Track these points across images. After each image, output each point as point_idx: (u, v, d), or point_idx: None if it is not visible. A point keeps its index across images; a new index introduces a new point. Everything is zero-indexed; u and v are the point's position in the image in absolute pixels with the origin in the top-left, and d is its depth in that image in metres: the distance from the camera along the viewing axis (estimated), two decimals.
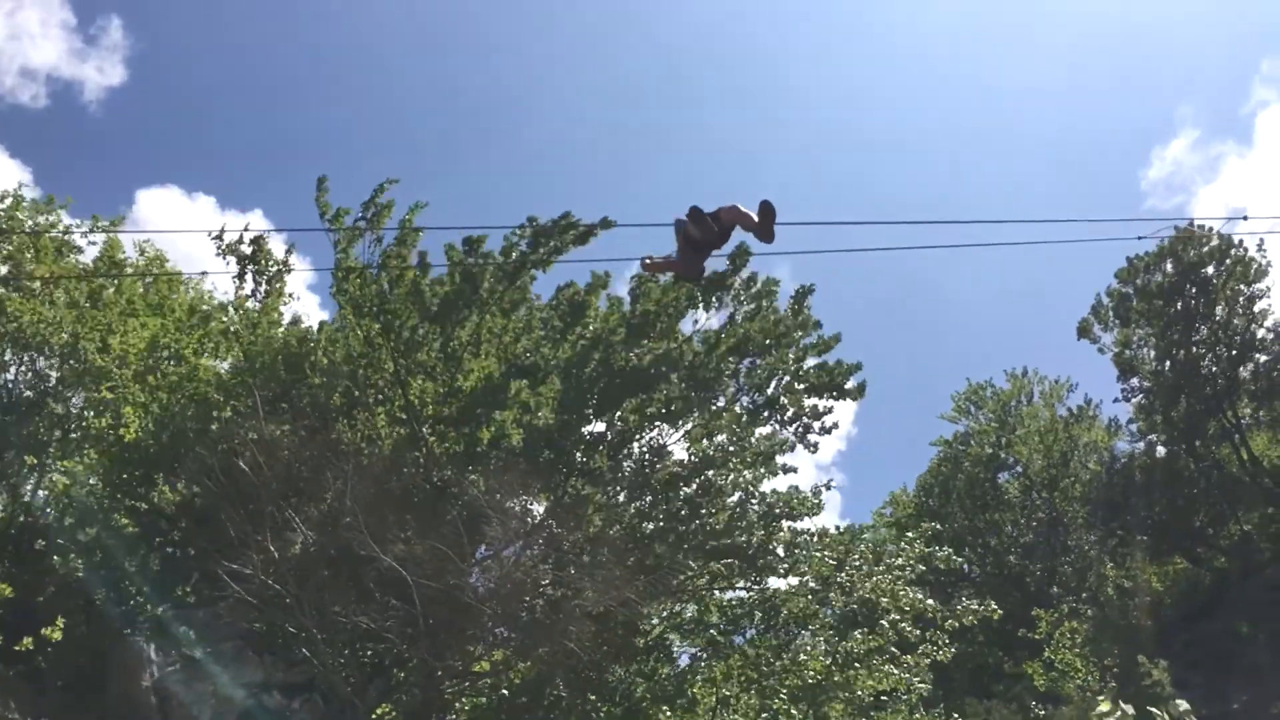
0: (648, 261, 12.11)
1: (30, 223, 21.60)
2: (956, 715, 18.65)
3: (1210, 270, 39.36)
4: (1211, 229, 38.41)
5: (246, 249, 20.03)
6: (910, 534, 20.83)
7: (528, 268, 19.44)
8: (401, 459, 18.52)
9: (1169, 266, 39.58)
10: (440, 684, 17.86)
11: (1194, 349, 38.68)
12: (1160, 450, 39.78)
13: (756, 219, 9.90)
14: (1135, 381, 40.69)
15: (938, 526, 22.02)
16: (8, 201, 20.99)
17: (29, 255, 20.60)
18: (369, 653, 18.62)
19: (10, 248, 20.74)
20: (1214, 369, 38.74)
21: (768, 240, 10.09)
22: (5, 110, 75.02)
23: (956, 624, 19.58)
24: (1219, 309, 38.72)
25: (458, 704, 19.28)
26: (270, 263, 20.05)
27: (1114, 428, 44.15)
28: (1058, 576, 41.92)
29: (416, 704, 17.79)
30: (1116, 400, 42.94)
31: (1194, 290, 38.89)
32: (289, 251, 20.18)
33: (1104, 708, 6.68)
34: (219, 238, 19.71)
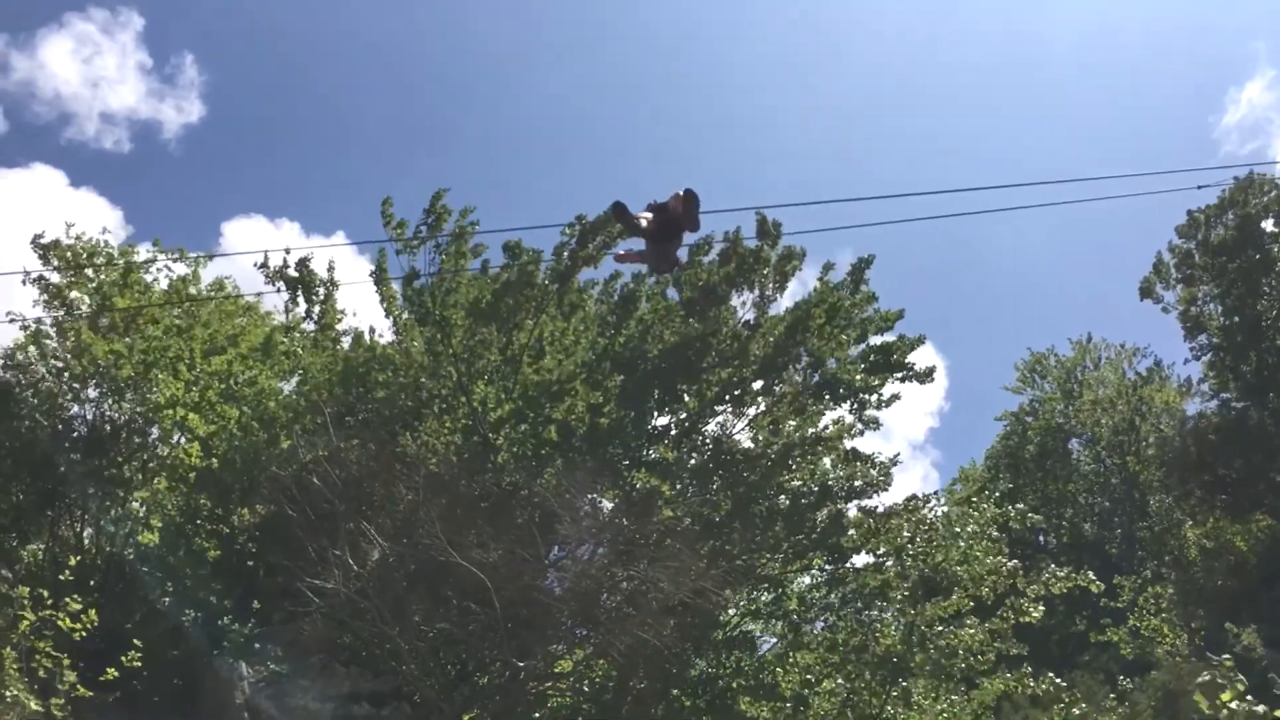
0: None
1: (114, 261, 22.10)
2: (1048, 677, 18.27)
3: (1270, 223, 38.53)
4: (1272, 177, 37.59)
5: (294, 272, 20.33)
6: (976, 499, 20.41)
7: (579, 265, 19.53)
8: (470, 465, 18.69)
9: (1230, 218, 38.77)
10: (524, 685, 17.98)
11: (1261, 302, 37.87)
12: (1235, 407, 38.97)
13: (681, 207, 9.93)
14: (1203, 339, 39.92)
15: (1009, 486, 21.63)
16: (91, 243, 21.62)
17: (115, 291, 21.18)
18: (452, 658, 18.80)
19: (93, 287, 21.30)
20: None
21: (692, 228, 10.14)
22: (90, 156, 77.11)
23: (1043, 590, 19.28)
24: None
25: (542, 704, 19.40)
26: (319, 283, 20.34)
27: (1185, 388, 43.38)
28: (1137, 542, 41.27)
29: (502, 706, 17.92)
30: (1187, 360, 42.13)
31: (1255, 243, 38.07)
32: (331, 269, 20.43)
33: (1226, 695, 6.55)
34: (264, 266, 20.08)
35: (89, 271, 21.11)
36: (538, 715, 18.97)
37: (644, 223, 10.34)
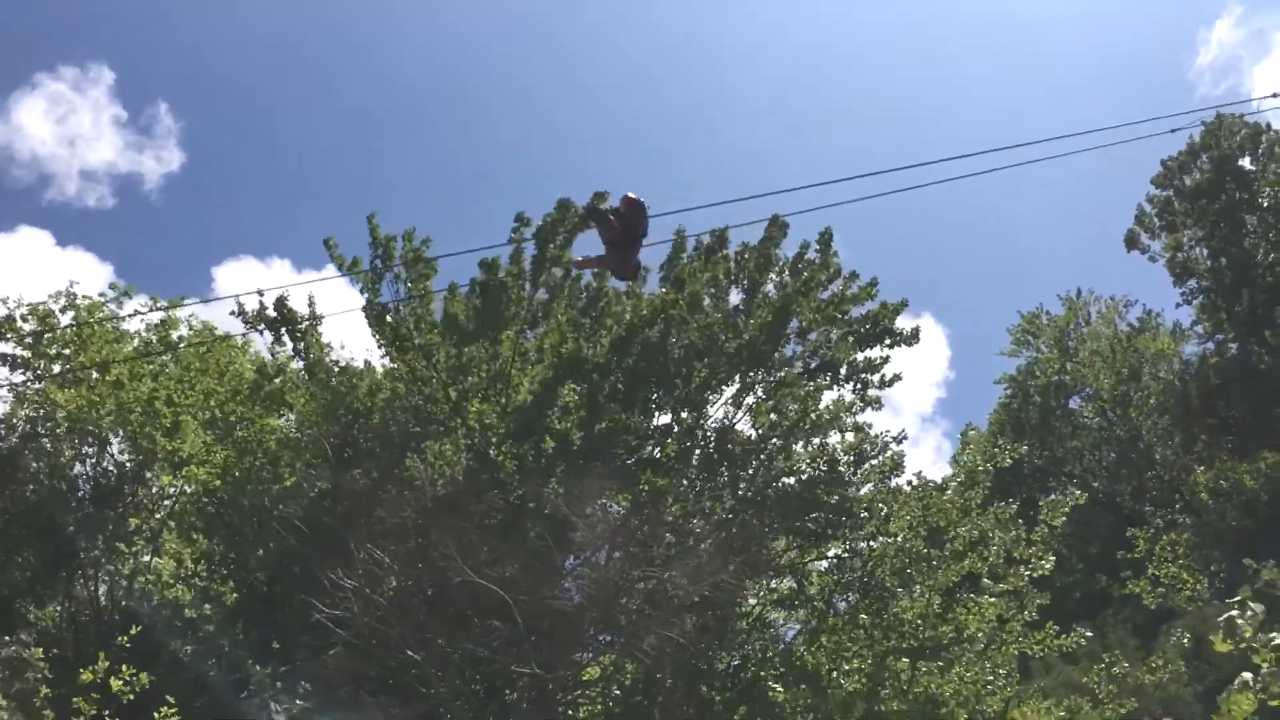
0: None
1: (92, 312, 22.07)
2: (1076, 630, 18.33)
3: (1247, 161, 38.66)
4: (1242, 116, 37.70)
5: (273, 313, 20.27)
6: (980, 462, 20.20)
7: (547, 267, 19.48)
8: (475, 483, 18.69)
9: (1204, 162, 38.90)
10: (553, 696, 17.99)
11: (1246, 241, 37.99)
12: (1231, 348, 39.07)
13: (625, 211, 10.06)
14: (1193, 284, 40.04)
15: (1011, 447, 21.41)
16: (61, 301, 21.54)
17: (79, 346, 21.12)
18: (479, 677, 18.79)
19: (65, 343, 21.24)
20: (1271, 257, 38.02)
21: (642, 233, 10.28)
22: (74, 215, 77.13)
23: (1048, 528, 19.20)
24: (1263, 197, 38.00)
25: (574, 713, 19.40)
26: (300, 320, 20.23)
27: (1179, 333, 43.45)
28: (1147, 492, 41.33)
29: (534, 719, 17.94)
30: (1178, 306, 42.23)
31: (1233, 182, 38.19)
32: (311, 304, 20.35)
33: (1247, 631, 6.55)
34: (241, 312, 20.05)
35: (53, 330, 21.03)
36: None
37: (616, 222, 10.45)
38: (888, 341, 20.21)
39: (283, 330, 20.74)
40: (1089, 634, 19.61)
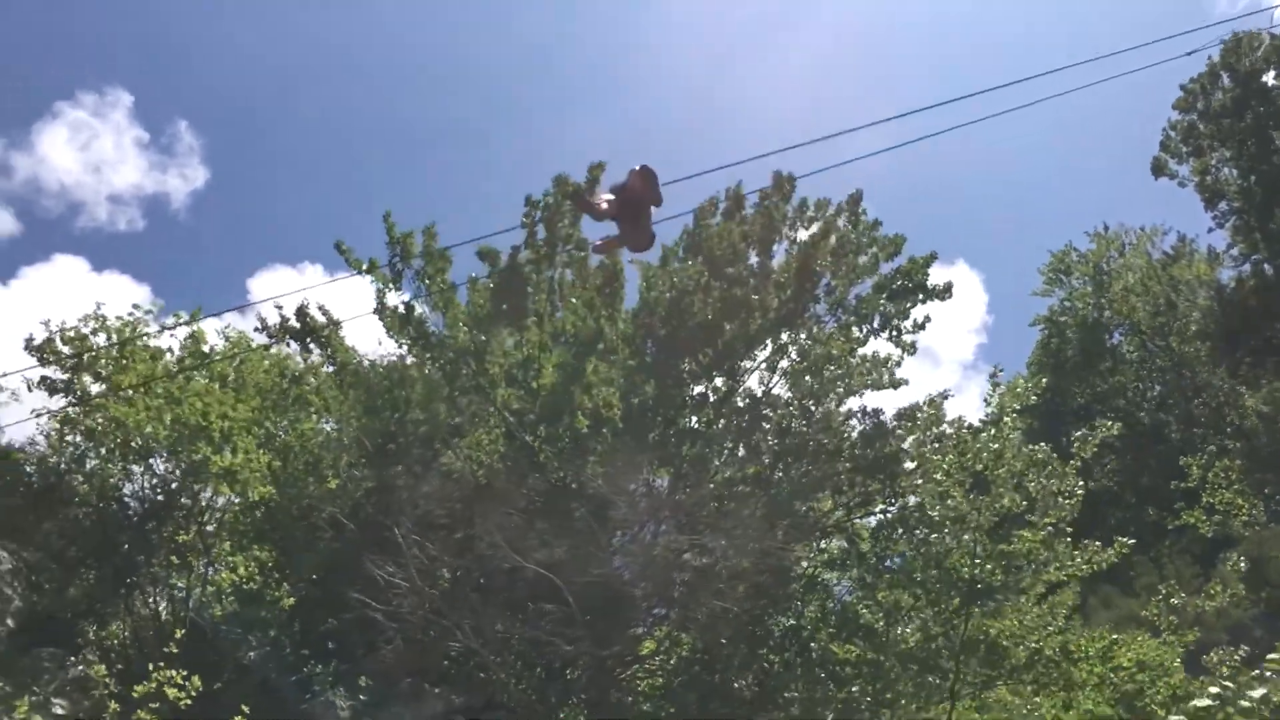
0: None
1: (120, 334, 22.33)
2: (1118, 541, 18.13)
3: (1270, 76, 37.91)
4: (1260, 32, 36.96)
5: (295, 323, 20.42)
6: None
7: (556, 249, 19.47)
8: (514, 468, 18.79)
9: (1227, 82, 38.19)
10: (612, 673, 18.11)
11: (1276, 158, 37.29)
12: (1267, 267, 38.44)
13: (642, 183, 9.93)
14: (1224, 206, 39.37)
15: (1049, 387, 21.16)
16: (92, 324, 21.75)
17: (121, 364, 21.35)
18: (538, 659, 18.95)
19: (105, 364, 21.49)
20: None
21: (656, 204, 10.18)
22: (106, 240, 78.27)
23: (1080, 460, 18.99)
24: None
25: (633, 688, 19.51)
26: (321, 327, 20.34)
27: (1214, 258, 42.81)
28: (1195, 421, 40.86)
29: (594, 697, 18.06)
30: (1211, 230, 41.58)
31: (1258, 100, 37.48)
32: (324, 312, 20.44)
33: None
34: (264, 328, 20.25)
35: (93, 354, 21.28)
36: (631, 699, 19.08)
37: (604, 205, 10.36)
38: (920, 297, 20.15)
39: (307, 339, 20.91)
40: (1131, 541, 19.35)
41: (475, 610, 17.26)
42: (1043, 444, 19.27)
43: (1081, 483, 18.69)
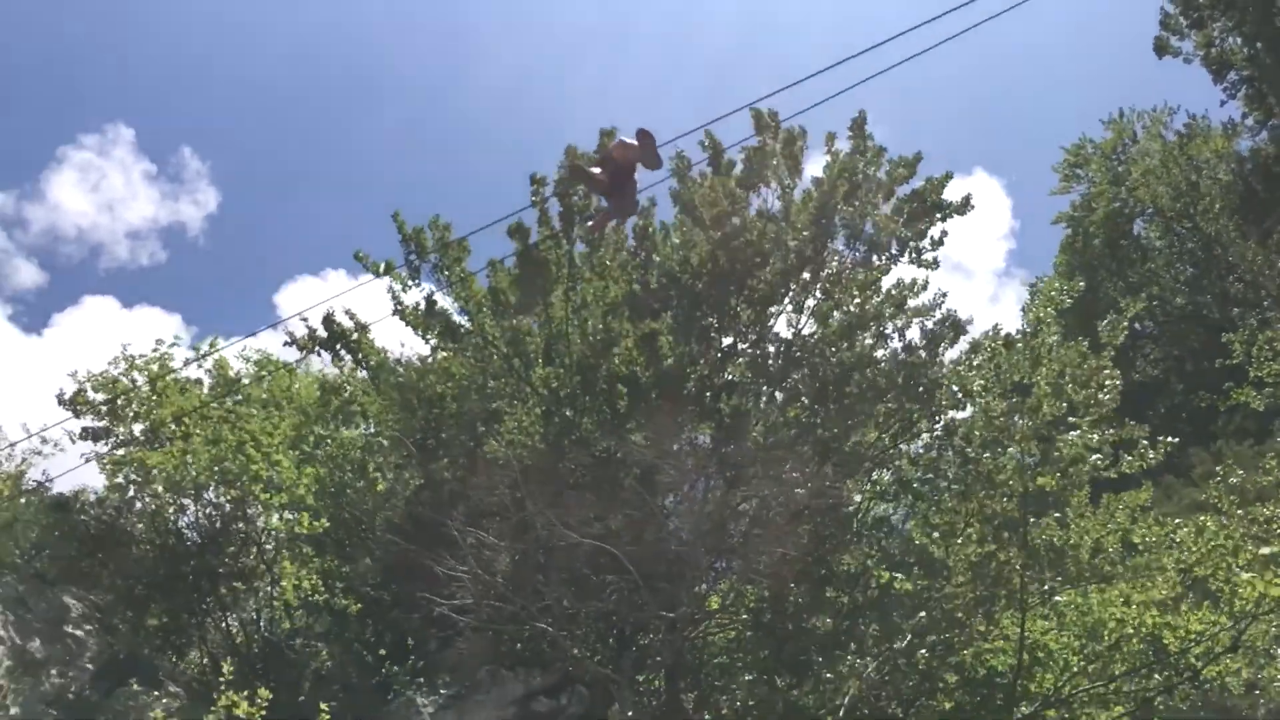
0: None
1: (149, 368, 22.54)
2: (1162, 441, 17.95)
3: None
4: None
5: (323, 332, 20.44)
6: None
7: (573, 222, 19.39)
8: (557, 447, 18.84)
9: None
10: (682, 633, 18.18)
11: (1278, 20, 36.47)
12: None
13: (639, 149, 9.81)
14: (1233, 76, 38.65)
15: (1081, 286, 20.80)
16: (121, 365, 22.02)
17: (154, 405, 21.61)
18: (610, 630, 19.10)
19: (140, 404, 21.75)
20: None
21: (654, 166, 10.06)
22: (131, 276, 79.20)
23: (1114, 349, 18.78)
24: None
25: (706, 644, 19.63)
26: (348, 332, 20.37)
27: (1230, 130, 42.04)
28: (1231, 297, 40.31)
29: (670, 659, 18.17)
30: (1223, 104, 40.88)
31: None
32: (351, 316, 20.46)
33: None
34: (292, 342, 20.31)
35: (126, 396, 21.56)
36: (705, 656, 19.20)
37: (600, 176, 10.32)
38: (939, 215, 19.91)
39: (338, 346, 20.96)
40: (1174, 440, 19.17)
41: (539, 591, 17.38)
42: (1080, 339, 19.04)
43: (1117, 370, 18.49)
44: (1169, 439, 18.86)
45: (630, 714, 17.24)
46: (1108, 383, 18.11)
